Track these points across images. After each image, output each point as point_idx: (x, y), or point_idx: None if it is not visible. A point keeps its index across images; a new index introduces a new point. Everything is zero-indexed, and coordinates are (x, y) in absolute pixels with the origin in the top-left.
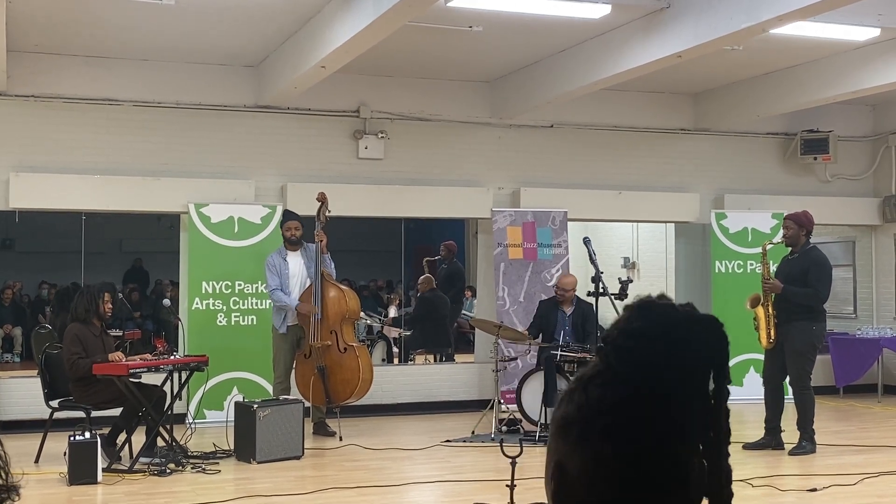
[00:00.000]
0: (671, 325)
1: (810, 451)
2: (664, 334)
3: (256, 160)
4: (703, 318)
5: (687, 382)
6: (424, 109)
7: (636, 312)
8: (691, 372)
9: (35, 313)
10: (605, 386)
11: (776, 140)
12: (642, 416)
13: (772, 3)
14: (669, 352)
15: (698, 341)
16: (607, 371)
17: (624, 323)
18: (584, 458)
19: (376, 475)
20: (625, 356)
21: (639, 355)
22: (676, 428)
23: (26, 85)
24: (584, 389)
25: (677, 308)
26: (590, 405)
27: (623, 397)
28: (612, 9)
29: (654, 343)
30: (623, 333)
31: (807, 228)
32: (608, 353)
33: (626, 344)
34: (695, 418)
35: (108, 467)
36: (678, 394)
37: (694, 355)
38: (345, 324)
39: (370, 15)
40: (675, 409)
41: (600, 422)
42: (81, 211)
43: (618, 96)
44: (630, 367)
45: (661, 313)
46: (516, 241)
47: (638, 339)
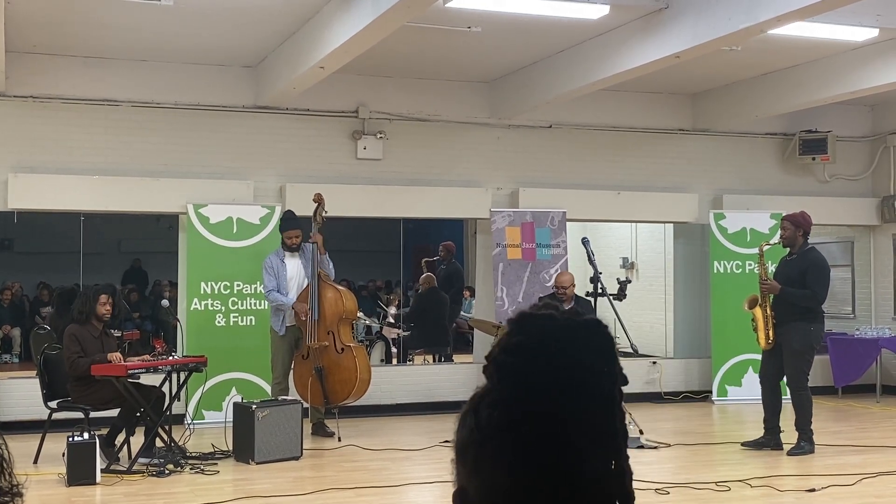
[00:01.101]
0: (551, 336)
1: (809, 451)
2: (544, 346)
3: (255, 161)
4: (583, 323)
5: (575, 391)
6: (423, 110)
7: (514, 326)
8: (578, 380)
9: (34, 314)
10: (492, 406)
11: (775, 140)
12: (533, 433)
13: (770, 3)
14: (551, 364)
15: (581, 348)
16: (494, 390)
17: (504, 339)
18: (480, 483)
19: (375, 476)
20: (507, 374)
21: (521, 371)
22: (567, 443)
23: (25, 85)
24: (475, 412)
25: (557, 317)
26: (479, 428)
27: (512, 416)
28: (611, 9)
29: (536, 356)
30: (503, 350)
31: (804, 229)
32: (492, 371)
33: (507, 360)
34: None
35: (107, 468)
36: (568, 404)
37: (579, 363)
38: (342, 324)
39: (369, 15)
40: (567, 420)
41: (491, 445)
42: (80, 211)
43: (616, 97)
44: (513, 384)
45: (539, 325)
46: (515, 241)
47: (517, 354)
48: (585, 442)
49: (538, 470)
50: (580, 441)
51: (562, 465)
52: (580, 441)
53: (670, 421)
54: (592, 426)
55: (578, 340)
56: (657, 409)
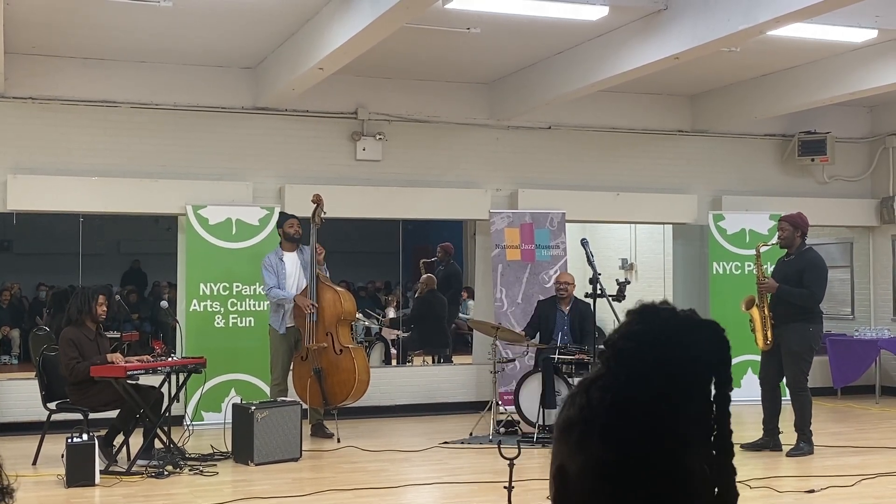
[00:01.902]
0: (672, 330)
1: (808, 452)
2: (664, 338)
3: (254, 162)
4: (704, 322)
5: (686, 386)
6: (422, 111)
7: (637, 316)
8: (691, 376)
9: (33, 315)
10: (605, 389)
11: (774, 141)
12: (640, 418)
13: (769, 4)
14: (669, 355)
15: (699, 346)
16: (608, 374)
17: (625, 326)
18: (584, 461)
19: (374, 477)
20: (625, 359)
21: (639, 358)
22: (674, 431)
23: (24, 87)
24: (586, 392)
25: (679, 313)
26: (590, 407)
27: (622, 400)
28: (610, 10)
29: (654, 346)
30: (624, 336)
31: (802, 230)
32: (609, 356)
33: (626, 346)
34: (694, 422)
35: (106, 469)
36: (677, 397)
37: (694, 359)
38: (341, 325)
39: (368, 17)
40: (674, 412)
41: (599, 424)
42: (79, 213)
43: (615, 98)
44: (630, 369)
45: (662, 317)
46: (514, 242)
47: (638, 342)
48: (693, 435)
49: (644, 451)
50: (688, 434)
51: (667, 452)
52: (688, 434)
53: None
54: (702, 422)
55: (698, 338)
56: None
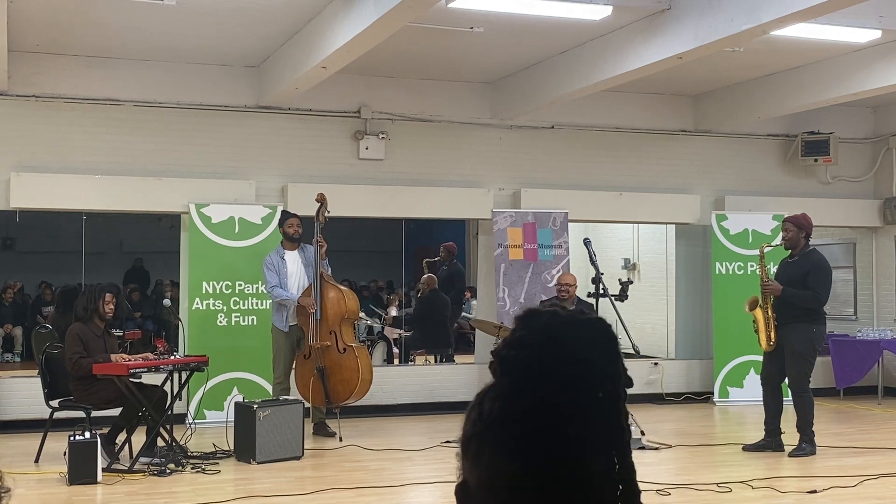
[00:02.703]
0: (553, 331)
1: (810, 452)
2: (546, 341)
3: (257, 160)
4: (588, 321)
5: (573, 387)
6: (425, 110)
7: (519, 322)
8: (578, 376)
9: (35, 313)
10: (494, 399)
11: (777, 142)
12: (531, 425)
13: (772, 4)
14: (553, 357)
15: (583, 345)
16: (497, 384)
17: (510, 334)
18: (481, 474)
19: (376, 476)
20: (509, 366)
21: (522, 364)
22: (565, 434)
23: (27, 85)
24: (479, 405)
25: (560, 314)
26: (482, 420)
27: (511, 408)
28: (613, 10)
29: (535, 350)
30: (507, 344)
31: (806, 231)
32: (496, 365)
33: (509, 354)
34: (589, 422)
35: (108, 467)
36: (564, 399)
37: (580, 359)
38: (344, 324)
39: (371, 16)
40: (566, 415)
41: (491, 436)
42: (82, 211)
43: (618, 98)
44: (516, 377)
45: (542, 321)
46: (517, 241)
47: (520, 347)
48: (587, 437)
49: (538, 459)
50: (581, 435)
51: (562, 457)
52: (581, 435)
53: (672, 422)
54: (594, 422)
55: (582, 337)
56: (658, 411)
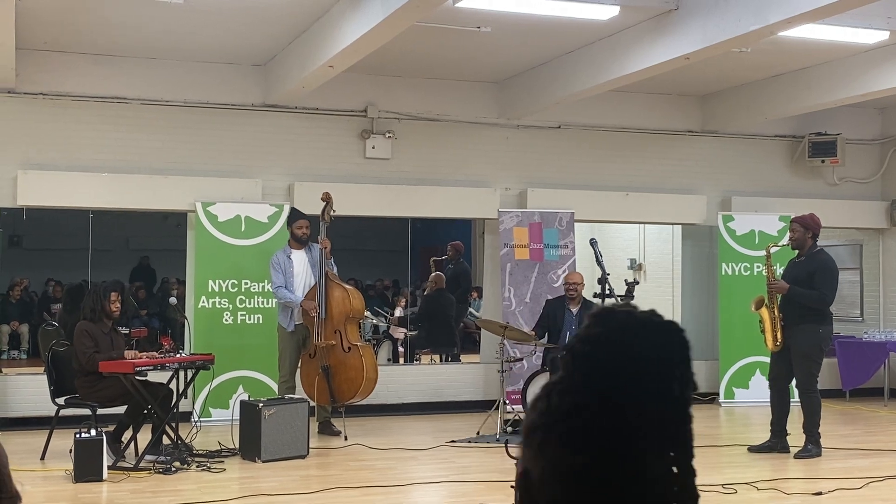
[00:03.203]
0: (629, 331)
1: (816, 454)
2: (622, 340)
3: (264, 159)
4: (662, 323)
5: (643, 387)
6: (432, 109)
7: (595, 319)
8: (647, 377)
9: (42, 310)
10: (564, 393)
11: (784, 142)
12: (599, 421)
13: (780, 5)
14: (626, 357)
15: (657, 346)
16: (568, 378)
17: (584, 330)
18: (545, 465)
19: (381, 475)
20: (582, 362)
21: (596, 361)
22: (632, 433)
23: (35, 83)
24: (548, 397)
25: (636, 314)
26: (550, 412)
27: (581, 403)
28: (621, 10)
29: (610, 349)
30: (581, 340)
31: (813, 231)
32: (567, 360)
33: (583, 350)
34: (654, 423)
35: (114, 465)
36: (634, 399)
37: (650, 360)
38: (349, 323)
39: (378, 15)
40: (633, 413)
41: (559, 428)
42: (89, 208)
43: (625, 98)
44: (588, 373)
45: (619, 319)
46: (523, 241)
47: (595, 345)
48: (651, 437)
49: (602, 454)
50: (646, 435)
51: (625, 455)
52: (646, 435)
53: None
54: (659, 424)
55: (656, 339)
56: None
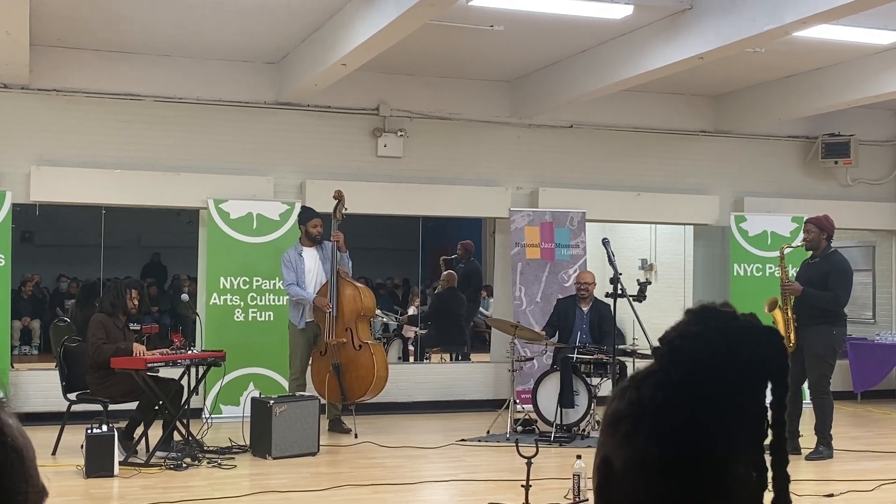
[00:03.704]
0: (730, 332)
1: (827, 456)
2: (722, 340)
3: (276, 157)
4: (763, 328)
5: (740, 392)
6: (444, 108)
7: (696, 316)
8: (746, 382)
9: (53, 306)
10: (657, 385)
11: (797, 143)
12: (691, 419)
13: (795, 5)
14: (726, 358)
15: (757, 352)
16: (661, 371)
17: (683, 326)
18: (630, 455)
19: (391, 473)
20: (680, 358)
21: (695, 358)
22: (724, 436)
23: (48, 79)
24: (637, 388)
25: (739, 316)
26: (640, 403)
27: (674, 398)
28: (634, 9)
29: (711, 347)
30: (681, 335)
31: (828, 232)
32: (664, 353)
33: (682, 346)
34: (746, 428)
35: (125, 461)
36: (730, 402)
37: (751, 364)
38: (360, 321)
39: (392, 13)
40: (727, 415)
41: (649, 420)
42: (101, 205)
43: (638, 97)
44: (684, 369)
45: (721, 320)
46: (534, 241)
47: (695, 342)
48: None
49: (690, 453)
50: (736, 440)
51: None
52: (736, 440)
53: None
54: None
55: (757, 343)
56: None
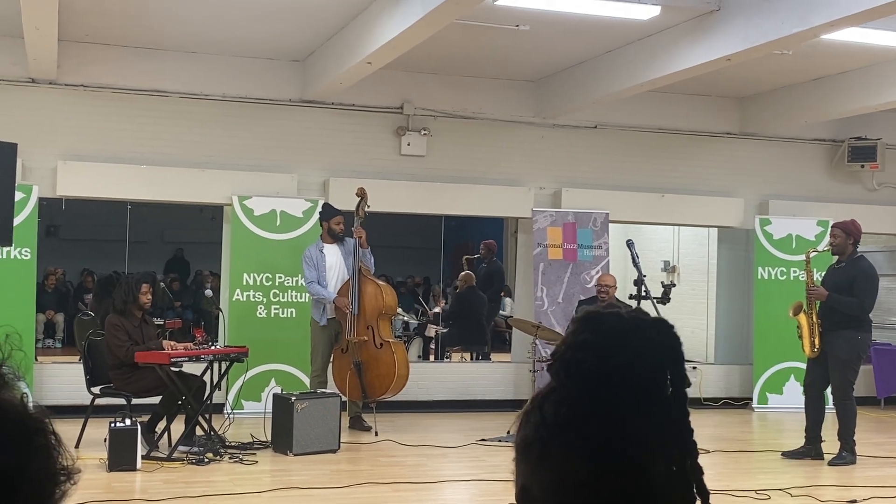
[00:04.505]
0: (619, 335)
1: (850, 462)
2: (612, 345)
3: (300, 154)
4: (651, 322)
5: (640, 390)
6: (468, 107)
7: (582, 325)
8: (644, 379)
9: (77, 300)
10: (557, 403)
11: (823, 146)
12: (597, 430)
13: (824, 8)
14: (619, 360)
15: (648, 346)
16: (560, 388)
17: (570, 337)
18: (546, 478)
19: (412, 471)
20: (574, 370)
21: (588, 368)
22: (634, 437)
23: (76, 74)
24: (540, 409)
25: (624, 316)
26: (545, 424)
27: (577, 412)
28: (662, 10)
29: (602, 354)
30: (571, 347)
31: (854, 237)
32: (557, 369)
33: (574, 357)
34: (655, 425)
35: (148, 454)
36: (632, 403)
37: (645, 361)
38: (381, 319)
39: (418, 12)
40: (632, 417)
41: (558, 440)
42: (126, 200)
43: (663, 98)
44: (580, 380)
45: (608, 324)
46: (556, 241)
47: (585, 351)
48: (652, 440)
49: (606, 464)
50: (647, 438)
51: (629, 461)
52: (647, 438)
53: (709, 427)
54: (658, 425)
55: (647, 339)
56: (696, 415)
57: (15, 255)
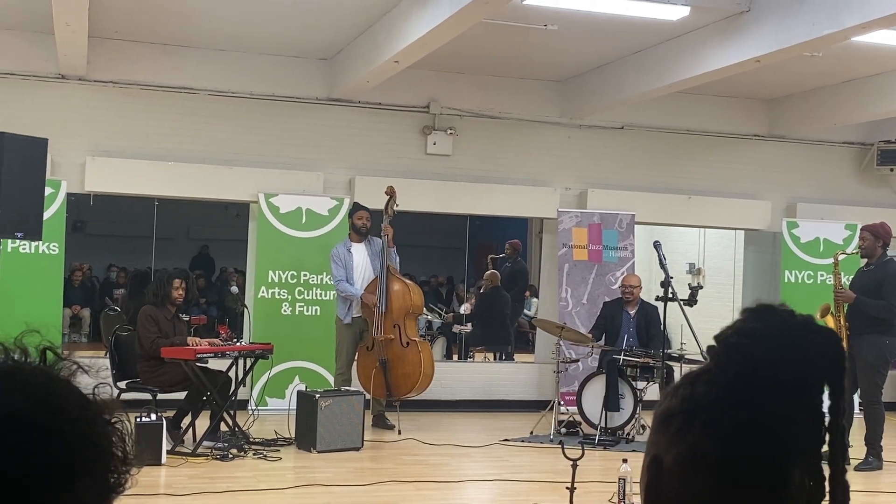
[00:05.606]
0: (788, 331)
1: (877, 467)
2: (779, 339)
3: (326, 152)
4: (821, 329)
5: (797, 391)
6: (494, 107)
7: (753, 314)
8: (802, 381)
9: (103, 295)
10: (711, 383)
11: (852, 149)
12: (746, 417)
13: (856, 10)
14: (782, 357)
15: (814, 351)
16: (716, 368)
17: (740, 323)
18: (681, 453)
19: (435, 470)
20: (736, 355)
21: (750, 354)
22: (779, 437)
23: (105, 71)
24: (691, 385)
25: (797, 316)
26: (694, 399)
27: (729, 395)
28: (691, 11)
29: (768, 345)
30: (737, 333)
31: (884, 240)
32: (719, 351)
33: (739, 342)
34: (802, 430)
35: (172, 450)
36: (786, 400)
37: (808, 365)
38: (408, 318)
39: (446, 11)
40: (782, 415)
41: (702, 416)
42: (153, 196)
43: (691, 99)
44: (739, 367)
45: (779, 317)
46: (582, 242)
47: (752, 339)
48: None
49: (744, 452)
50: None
51: (768, 457)
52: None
53: None
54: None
55: (814, 343)
56: None
57: (43, 249)
